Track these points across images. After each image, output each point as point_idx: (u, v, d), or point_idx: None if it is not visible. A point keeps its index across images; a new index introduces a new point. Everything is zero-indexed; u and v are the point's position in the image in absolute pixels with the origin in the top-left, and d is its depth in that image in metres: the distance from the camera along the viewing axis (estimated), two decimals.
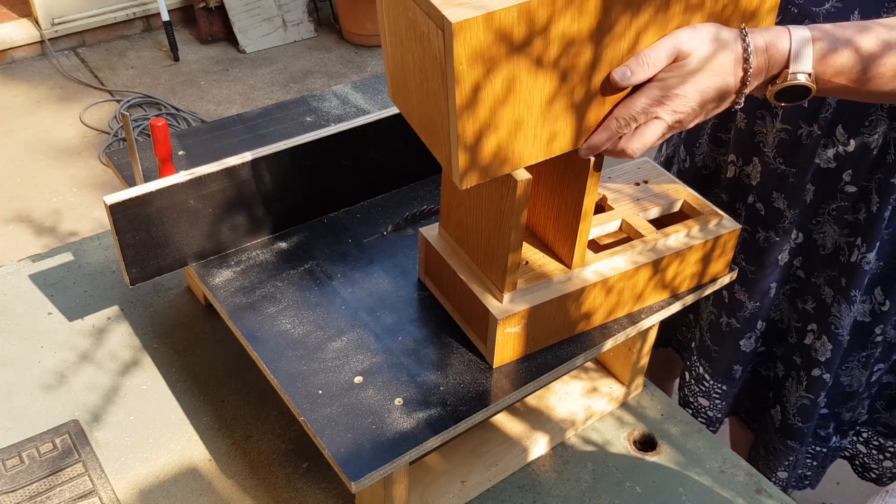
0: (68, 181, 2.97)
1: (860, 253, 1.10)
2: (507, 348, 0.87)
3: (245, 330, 0.92)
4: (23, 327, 1.14)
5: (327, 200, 1.09)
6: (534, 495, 0.99)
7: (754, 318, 1.23)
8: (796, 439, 1.27)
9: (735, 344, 1.26)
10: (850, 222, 1.10)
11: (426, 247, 0.95)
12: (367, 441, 0.80)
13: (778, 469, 1.32)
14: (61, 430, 1.01)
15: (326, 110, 1.28)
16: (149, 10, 3.82)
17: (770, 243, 1.16)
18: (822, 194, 1.10)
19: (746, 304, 1.22)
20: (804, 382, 1.22)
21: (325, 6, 4.13)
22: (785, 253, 1.17)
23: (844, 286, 1.13)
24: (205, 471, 0.98)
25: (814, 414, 1.24)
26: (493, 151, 0.73)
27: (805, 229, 1.14)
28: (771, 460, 1.33)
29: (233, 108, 3.39)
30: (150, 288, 1.21)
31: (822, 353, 1.18)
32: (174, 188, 0.95)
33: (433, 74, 0.70)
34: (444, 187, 0.92)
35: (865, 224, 1.09)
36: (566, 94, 0.73)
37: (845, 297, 1.13)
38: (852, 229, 1.11)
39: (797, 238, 1.15)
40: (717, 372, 1.31)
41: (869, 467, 1.34)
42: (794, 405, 1.25)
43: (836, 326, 1.16)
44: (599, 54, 0.72)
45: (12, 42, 3.57)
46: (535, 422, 1.04)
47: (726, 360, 1.29)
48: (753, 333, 1.25)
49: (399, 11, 0.73)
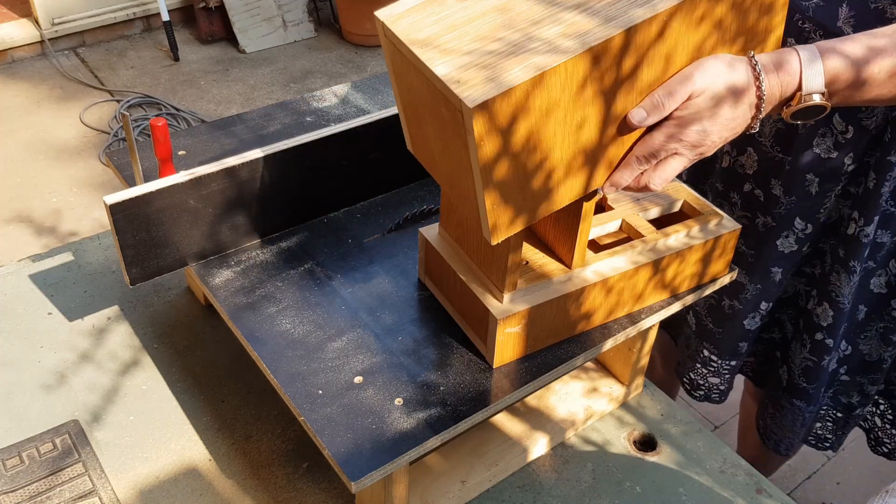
0: (68, 181, 2.97)
1: (857, 226, 1.11)
2: (507, 348, 0.87)
3: (245, 330, 0.92)
4: (23, 327, 1.14)
5: (327, 200, 1.09)
6: (534, 495, 0.99)
7: (757, 300, 1.25)
8: (802, 399, 1.29)
9: (739, 324, 1.29)
10: (851, 194, 1.12)
11: (426, 247, 0.95)
12: (367, 441, 0.80)
13: (787, 425, 1.35)
14: (61, 430, 1.01)
15: (326, 110, 1.28)
16: (149, 10, 3.82)
17: (768, 228, 1.18)
18: (826, 184, 1.12)
19: (748, 286, 1.24)
20: (808, 345, 1.24)
21: (325, 6, 4.13)
22: (789, 241, 1.18)
23: (843, 257, 1.15)
24: (205, 471, 0.98)
25: (819, 376, 1.25)
26: (519, 206, 0.75)
27: (812, 219, 1.16)
28: (779, 417, 1.35)
29: (233, 108, 3.39)
30: (150, 288, 1.21)
31: (823, 319, 1.20)
32: (174, 188, 0.95)
33: (454, 142, 0.72)
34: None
35: (862, 198, 1.10)
36: (586, 144, 0.75)
37: (844, 267, 1.15)
38: (852, 202, 1.13)
39: (805, 228, 1.16)
40: (724, 352, 1.33)
41: (882, 441, 1.36)
42: (798, 366, 1.27)
43: (836, 294, 1.18)
44: (614, 104, 0.74)
45: (12, 42, 3.57)
46: (535, 422, 1.04)
47: (732, 339, 1.31)
48: (758, 313, 1.27)
49: (411, 80, 0.74)
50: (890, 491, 0.81)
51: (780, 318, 1.32)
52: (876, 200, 1.08)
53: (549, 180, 0.75)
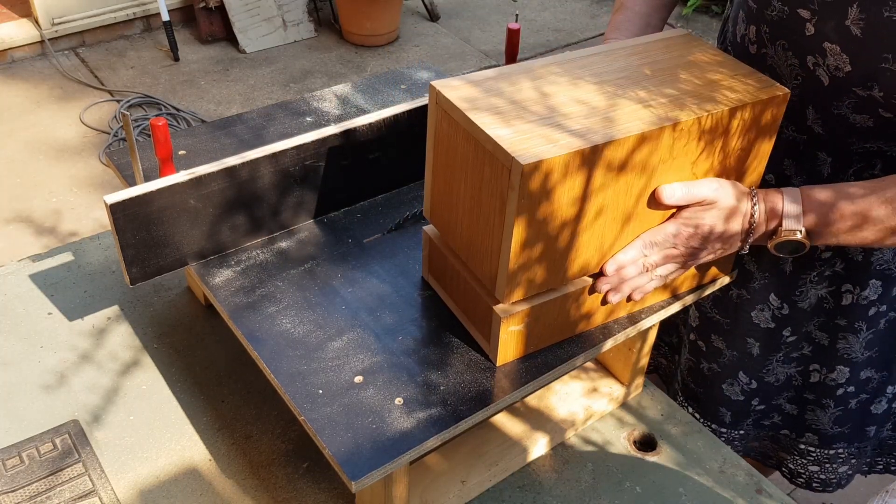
0: (68, 181, 2.97)
1: (853, 295, 1.09)
2: (510, 347, 0.88)
3: (245, 330, 0.92)
4: (23, 327, 1.14)
5: (327, 200, 1.09)
6: (534, 495, 0.99)
7: (734, 367, 1.22)
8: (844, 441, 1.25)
9: (718, 388, 1.25)
10: (829, 276, 1.09)
11: (430, 245, 0.96)
12: (367, 441, 0.80)
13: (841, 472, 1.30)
14: (61, 430, 1.01)
15: (326, 110, 1.28)
16: (149, 10, 3.82)
17: (742, 300, 1.17)
18: (800, 265, 1.10)
19: (725, 351, 1.22)
20: (830, 406, 1.20)
21: (325, 6, 4.13)
22: (764, 315, 1.16)
23: (845, 325, 1.12)
24: (205, 471, 0.98)
25: (852, 417, 1.22)
26: (534, 272, 0.82)
27: (788, 300, 1.13)
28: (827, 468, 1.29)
29: (233, 108, 3.39)
30: (150, 288, 1.21)
31: (840, 377, 1.17)
32: (174, 188, 0.95)
33: (489, 201, 0.79)
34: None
35: (847, 272, 1.08)
36: (608, 220, 0.83)
37: (850, 329, 1.12)
38: (832, 280, 1.10)
39: (782, 308, 1.14)
40: (706, 413, 1.30)
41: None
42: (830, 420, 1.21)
43: (844, 353, 1.14)
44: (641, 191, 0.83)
45: (12, 42, 3.57)
46: (535, 422, 1.04)
47: (713, 402, 1.28)
48: (737, 382, 1.23)
49: (456, 142, 0.82)
50: (890, 491, 0.81)
51: (778, 405, 1.26)
52: (869, 269, 1.07)
53: (568, 252, 0.83)
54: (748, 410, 1.26)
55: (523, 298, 0.84)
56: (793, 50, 0.97)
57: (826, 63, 0.94)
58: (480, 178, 0.79)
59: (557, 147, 0.74)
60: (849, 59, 0.91)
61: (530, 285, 0.83)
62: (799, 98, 0.99)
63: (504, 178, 0.75)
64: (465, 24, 4.16)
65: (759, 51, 1.02)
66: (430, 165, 0.89)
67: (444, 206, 0.89)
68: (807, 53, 0.95)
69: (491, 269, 0.83)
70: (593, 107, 0.81)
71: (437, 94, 0.82)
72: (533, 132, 0.76)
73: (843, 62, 0.92)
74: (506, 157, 0.74)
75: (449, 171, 0.85)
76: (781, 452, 1.32)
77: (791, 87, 0.99)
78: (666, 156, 0.81)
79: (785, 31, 0.97)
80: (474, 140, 0.78)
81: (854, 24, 0.88)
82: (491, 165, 0.77)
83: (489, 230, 0.81)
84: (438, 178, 0.88)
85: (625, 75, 0.86)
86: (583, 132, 0.77)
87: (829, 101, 0.96)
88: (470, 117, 0.78)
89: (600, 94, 0.83)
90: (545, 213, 0.77)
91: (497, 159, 0.75)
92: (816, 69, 0.95)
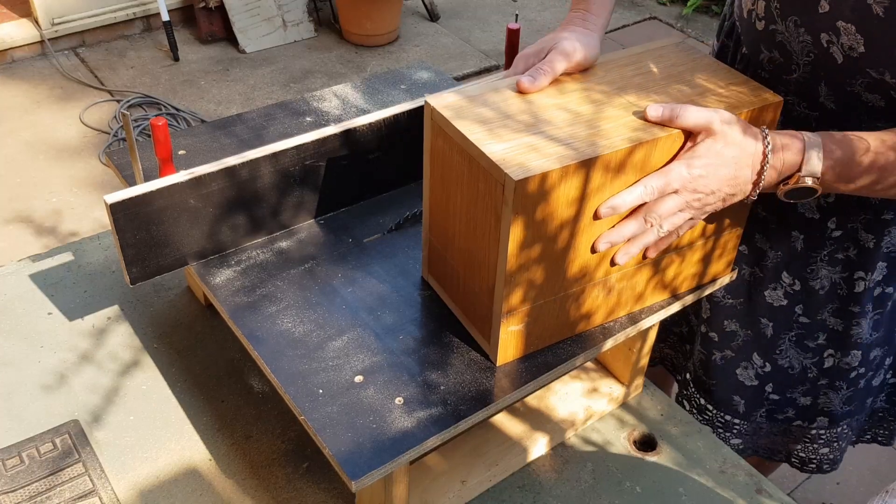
0: (68, 181, 2.97)
1: (865, 282, 1.10)
2: (510, 346, 0.88)
3: (245, 329, 0.92)
4: (23, 327, 1.14)
5: (327, 200, 1.09)
6: (534, 495, 0.99)
7: (748, 349, 1.22)
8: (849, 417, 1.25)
9: (732, 375, 1.25)
10: (842, 260, 1.10)
11: (430, 245, 0.96)
12: (367, 440, 0.80)
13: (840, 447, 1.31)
14: (61, 430, 1.01)
15: (326, 110, 1.28)
16: (149, 10, 3.82)
17: (756, 278, 1.17)
18: (811, 243, 1.10)
19: (738, 332, 1.22)
20: (843, 387, 1.20)
21: (325, 6, 4.13)
22: (777, 293, 1.16)
23: (858, 311, 1.12)
24: (205, 471, 0.98)
25: (859, 395, 1.22)
26: (531, 285, 0.83)
27: (800, 276, 1.13)
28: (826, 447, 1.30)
29: (233, 108, 3.39)
30: (150, 288, 1.21)
31: (853, 360, 1.17)
32: (174, 188, 0.95)
33: (484, 216, 0.80)
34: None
35: (859, 258, 1.08)
36: (604, 224, 0.83)
37: (862, 314, 1.12)
38: (845, 266, 1.10)
39: (793, 284, 1.14)
40: (719, 404, 1.29)
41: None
42: (841, 402, 1.22)
43: (857, 338, 1.15)
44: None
45: (12, 42, 3.57)
46: (535, 422, 1.04)
47: (726, 391, 1.27)
48: (751, 365, 1.23)
49: (451, 158, 0.83)
50: (890, 491, 0.81)
51: (791, 399, 1.26)
52: (877, 253, 1.07)
53: (565, 260, 0.83)
54: (762, 399, 1.26)
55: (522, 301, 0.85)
56: (805, 27, 0.96)
57: (840, 42, 0.93)
58: (475, 192, 0.81)
59: (550, 161, 0.75)
60: (863, 41, 0.90)
61: (528, 294, 0.84)
62: (811, 75, 0.98)
63: (498, 193, 0.76)
64: (466, 24, 4.16)
65: (768, 27, 1.01)
66: (427, 180, 0.90)
67: (442, 221, 0.90)
68: (820, 31, 0.94)
69: (489, 281, 0.84)
70: (586, 119, 0.82)
71: (432, 110, 0.83)
72: (525, 146, 0.77)
73: (857, 42, 0.91)
74: (498, 173, 0.75)
75: (445, 185, 0.87)
76: (791, 444, 1.32)
77: (803, 64, 0.99)
78: (659, 164, 0.82)
79: (797, 7, 0.96)
80: (468, 156, 0.80)
81: (877, 3, 0.87)
82: (485, 181, 0.78)
83: (486, 243, 0.82)
84: (436, 192, 0.90)
85: (618, 86, 0.88)
86: (575, 144, 0.78)
87: (844, 78, 0.95)
88: (463, 133, 0.79)
89: (592, 104, 0.84)
90: (540, 226, 0.78)
91: (490, 175, 0.77)
92: (830, 47, 0.94)
